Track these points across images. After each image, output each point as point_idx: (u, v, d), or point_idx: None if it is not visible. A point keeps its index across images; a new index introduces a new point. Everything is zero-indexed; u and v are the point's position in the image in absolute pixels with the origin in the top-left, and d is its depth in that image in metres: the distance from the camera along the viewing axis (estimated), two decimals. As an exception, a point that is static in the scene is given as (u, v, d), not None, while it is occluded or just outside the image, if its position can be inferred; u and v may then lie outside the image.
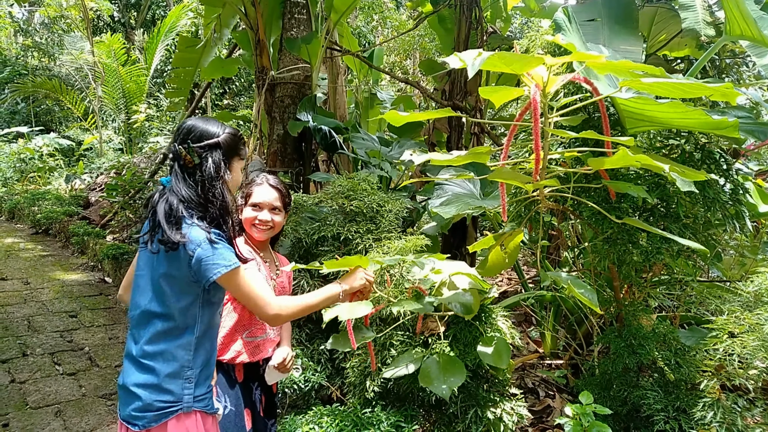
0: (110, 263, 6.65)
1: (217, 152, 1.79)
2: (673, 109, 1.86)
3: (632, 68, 1.60)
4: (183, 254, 1.69)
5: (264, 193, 2.32)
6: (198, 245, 1.68)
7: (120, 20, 16.70)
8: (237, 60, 6.48)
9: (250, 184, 2.36)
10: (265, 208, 2.31)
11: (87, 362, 4.51)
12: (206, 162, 1.76)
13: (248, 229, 2.32)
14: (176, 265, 1.71)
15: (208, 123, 1.84)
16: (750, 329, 1.80)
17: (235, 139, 1.86)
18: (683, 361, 2.41)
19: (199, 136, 1.78)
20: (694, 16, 3.43)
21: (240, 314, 2.26)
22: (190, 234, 1.69)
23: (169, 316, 1.75)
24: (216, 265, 1.69)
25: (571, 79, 1.63)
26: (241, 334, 2.25)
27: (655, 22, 4.29)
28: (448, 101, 5.21)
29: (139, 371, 1.74)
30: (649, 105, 1.90)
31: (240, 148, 1.89)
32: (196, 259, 1.68)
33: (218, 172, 1.77)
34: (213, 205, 1.75)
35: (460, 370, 2.19)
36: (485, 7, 5.30)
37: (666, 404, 2.34)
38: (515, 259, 2.16)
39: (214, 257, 1.69)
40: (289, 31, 4.88)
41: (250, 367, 2.30)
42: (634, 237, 2.24)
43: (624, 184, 1.91)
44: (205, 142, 1.77)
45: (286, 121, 4.84)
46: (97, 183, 10.33)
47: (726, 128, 1.96)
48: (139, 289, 1.80)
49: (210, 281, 1.70)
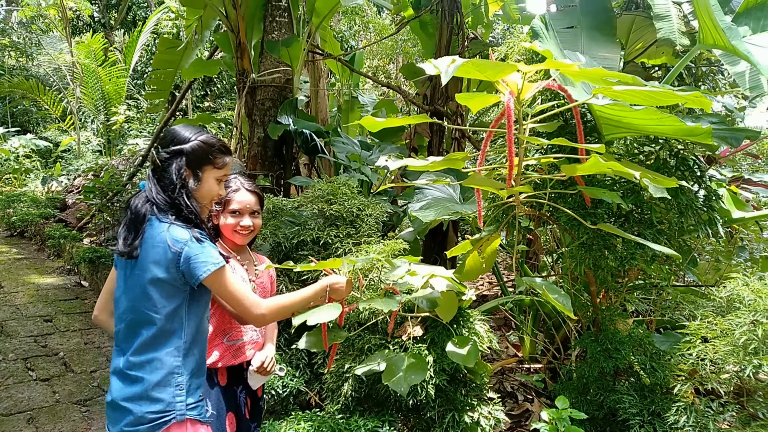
0: (87, 267, 6.55)
1: (181, 159, 1.76)
2: (648, 115, 1.88)
3: (606, 76, 1.62)
4: (169, 254, 1.66)
5: (243, 198, 2.29)
6: (185, 243, 1.66)
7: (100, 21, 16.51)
8: (218, 61, 6.44)
9: (226, 191, 2.33)
10: (246, 213, 2.29)
11: (61, 368, 4.43)
12: (169, 168, 1.74)
13: (229, 235, 2.30)
14: (163, 267, 1.67)
15: (186, 129, 1.81)
16: (722, 334, 1.82)
17: (207, 147, 1.81)
18: (658, 365, 2.44)
19: (169, 141, 1.77)
20: (669, 26, 3.48)
21: (219, 318, 2.24)
22: (172, 233, 1.66)
23: (155, 322, 1.69)
24: (205, 263, 1.67)
25: (546, 86, 1.64)
26: (222, 338, 2.23)
27: (633, 30, 4.35)
28: (430, 106, 5.23)
29: (126, 384, 1.68)
30: (624, 112, 1.92)
31: (214, 157, 1.84)
32: (185, 258, 1.65)
33: (180, 179, 1.74)
34: (181, 211, 1.73)
35: (423, 368, 2.20)
36: (466, 13, 5.33)
37: (641, 408, 2.37)
38: (492, 264, 2.17)
39: (203, 255, 1.67)
40: (270, 33, 4.86)
41: (232, 371, 2.28)
42: (609, 242, 2.27)
43: (599, 190, 1.93)
44: (171, 148, 1.76)
45: (266, 124, 4.82)
46: (74, 185, 10.17)
47: (700, 135, 1.99)
48: (123, 302, 1.75)
49: (200, 280, 1.67)
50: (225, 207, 2.27)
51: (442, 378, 2.40)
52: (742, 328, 1.73)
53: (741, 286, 1.98)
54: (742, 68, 3.08)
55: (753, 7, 2.73)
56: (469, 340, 2.24)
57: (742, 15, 2.73)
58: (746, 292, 1.94)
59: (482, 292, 4.93)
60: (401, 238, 3.25)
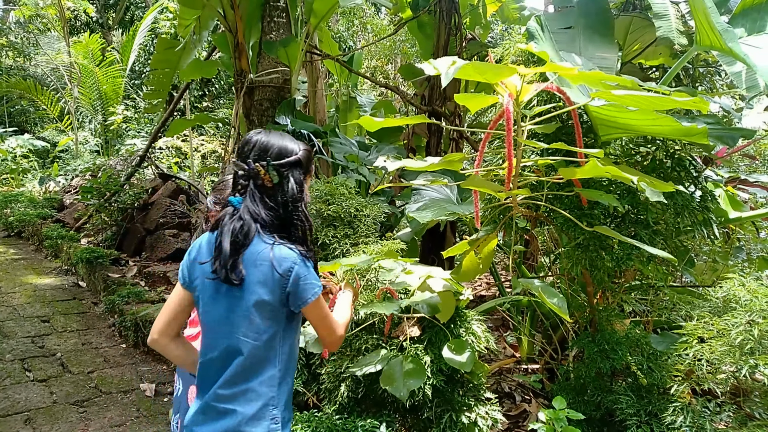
0: (84, 267, 6.54)
1: (298, 170, 1.64)
2: (644, 116, 1.89)
3: (604, 79, 1.62)
4: (276, 275, 1.55)
5: None
6: (294, 263, 1.56)
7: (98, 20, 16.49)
8: (216, 62, 6.44)
9: (223, 190, 2.27)
10: None
11: (59, 368, 4.43)
12: (287, 181, 1.60)
13: None
14: (269, 288, 1.57)
15: (283, 138, 1.66)
16: (718, 334, 1.83)
17: (311, 155, 1.72)
18: (655, 365, 2.44)
19: (278, 154, 1.61)
20: (668, 25, 3.49)
21: None
22: (278, 252, 1.56)
23: (254, 349, 1.58)
24: (312, 285, 1.59)
25: (545, 88, 1.64)
26: None
27: (631, 30, 4.36)
28: (428, 106, 5.24)
29: (215, 419, 1.56)
30: (620, 113, 1.93)
31: (312, 165, 1.76)
32: (294, 278, 1.56)
33: (301, 192, 1.63)
34: (296, 228, 1.62)
35: (421, 373, 2.21)
36: (464, 13, 5.34)
37: (638, 409, 2.37)
38: (489, 265, 2.17)
39: (310, 276, 1.59)
40: (268, 34, 4.86)
41: None
42: (606, 243, 2.27)
43: (595, 192, 1.93)
44: (286, 160, 1.60)
45: (264, 125, 4.82)
46: (72, 185, 10.16)
47: (695, 135, 2.00)
48: (218, 328, 1.61)
49: (307, 303, 1.58)
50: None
51: (440, 379, 2.41)
52: (738, 328, 1.74)
53: (737, 286, 1.99)
54: (738, 68, 3.10)
55: (749, 8, 2.74)
56: (466, 345, 2.24)
57: (738, 16, 2.74)
58: (742, 292, 1.95)
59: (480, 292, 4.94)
60: (399, 238, 3.26)
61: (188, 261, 1.70)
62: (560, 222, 2.32)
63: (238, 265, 1.55)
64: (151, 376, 4.46)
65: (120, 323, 5.17)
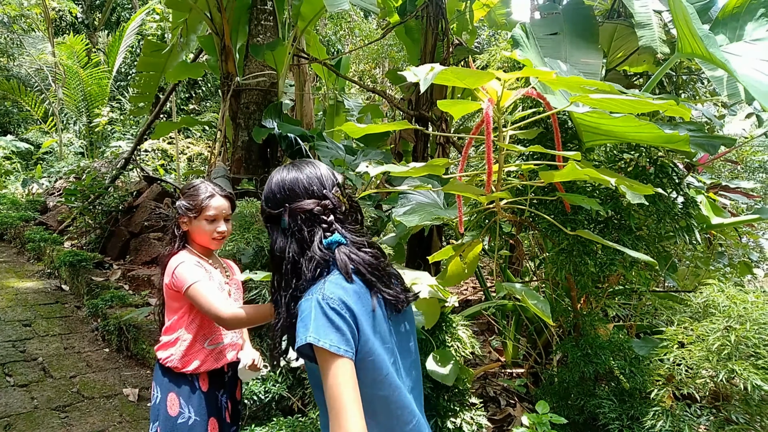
0: (67, 270, 6.47)
1: None
2: (626, 123, 1.91)
3: (583, 84, 1.64)
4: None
5: (219, 203, 2.27)
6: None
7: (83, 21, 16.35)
8: (202, 64, 6.42)
9: (195, 196, 2.26)
10: (221, 219, 2.28)
11: (40, 373, 4.37)
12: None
13: (205, 242, 2.28)
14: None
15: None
16: (698, 340, 1.85)
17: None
18: (637, 370, 2.46)
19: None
20: (651, 33, 3.53)
21: (199, 324, 2.24)
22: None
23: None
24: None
25: (525, 93, 1.66)
26: (203, 343, 2.23)
27: (615, 38, 4.40)
28: (414, 111, 5.25)
29: None
30: (603, 119, 1.94)
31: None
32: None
33: None
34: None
35: None
36: (451, 19, 5.37)
37: (620, 413, 2.39)
38: (474, 269, 2.18)
39: None
40: (255, 37, 4.85)
41: (213, 375, 2.28)
42: (589, 248, 2.29)
43: (578, 196, 1.95)
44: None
45: (251, 128, 4.81)
46: (55, 187, 10.05)
47: (677, 142, 2.02)
48: (407, 361, 1.47)
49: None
50: (200, 213, 2.24)
51: (426, 384, 2.41)
52: (716, 334, 1.76)
53: (716, 292, 2.02)
54: (720, 74, 3.14)
55: (729, 16, 2.78)
56: (451, 356, 2.24)
57: (719, 24, 2.78)
58: (721, 298, 1.97)
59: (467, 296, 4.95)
60: (384, 243, 3.26)
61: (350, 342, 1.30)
62: (544, 227, 2.33)
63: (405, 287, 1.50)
64: (134, 381, 4.42)
65: (103, 327, 5.12)
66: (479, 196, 1.70)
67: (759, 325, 1.76)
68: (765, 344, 1.71)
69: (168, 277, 2.18)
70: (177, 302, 2.22)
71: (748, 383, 1.61)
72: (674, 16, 2.49)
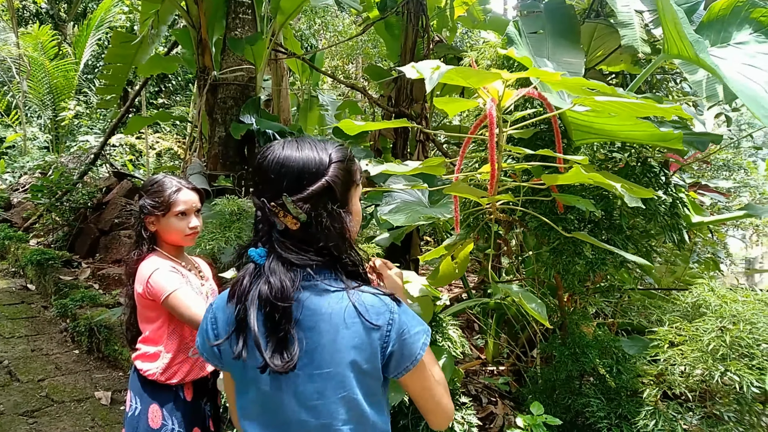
0: (34, 269, 6.26)
1: (331, 199, 1.22)
2: (623, 122, 1.90)
3: (585, 85, 1.63)
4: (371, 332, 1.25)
5: (187, 197, 2.14)
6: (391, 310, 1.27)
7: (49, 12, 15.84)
8: (177, 58, 6.26)
9: (161, 192, 2.11)
10: (191, 213, 2.15)
11: (6, 377, 4.21)
12: (319, 221, 1.20)
13: (177, 240, 2.15)
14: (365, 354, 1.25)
15: (302, 149, 1.22)
16: (690, 340, 1.86)
17: (347, 163, 1.27)
18: (624, 368, 2.48)
19: (297, 179, 1.20)
20: (633, 33, 3.56)
21: (180, 334, 2.14)
22: (364, 301, 1.25)
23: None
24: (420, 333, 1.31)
25: (527, 93, 1.64)
26: (186, 353, 2.14)
27: (595, 37, 4.43)
28: (394, 108, 5.22)
29: None
30: (599, 118, 1.94)
31: (355, 171, 1.31)
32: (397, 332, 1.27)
33: (341, 227, 1.23)
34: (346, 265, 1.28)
35: (400, 389, 2.16)
36: (432, 16, 5.34)
37: (609, 411, 2.40)
38: (465, 269, 2.16)
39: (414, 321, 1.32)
40: (233, 30, 4.75)
41: (198, 384, 2.19)
42: (579, 248, 2.29)
43: (572, 197, 1.94)
44: (310, 191, 1.18)
45: (228, 123, 4.71)
46: (20, 183, 9.72)
47: (671, 140, 2.03)
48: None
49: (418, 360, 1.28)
50: (168, 210, 2.10)
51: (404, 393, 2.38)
52: (711, 335, 1.77)
53: (707, 291, 2.03)
54: (700, 77, 3.18)
55: (714, 20, 2.81)
56: (443, 352, 2.22)
57: (705, 27, 2.81)
58: (712, 297, 1.99)
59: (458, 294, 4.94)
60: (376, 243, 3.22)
61: (205, 345, 1.31)
62: (534, 226, 2.33)
63: (286, 345, 1.16)
64: (106, 384, 4.30)
65: (73, 328, 4.96)
66: (480, 198, 1.68)
67: (751, 324, 1.77)
68: (758, 344, 1.72)
69: (141, 286, 2.04)
70: (153, 312, 2.09)
71: (744, 383, 1.63)
72: (662, 18, 2.50)
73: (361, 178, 1.33)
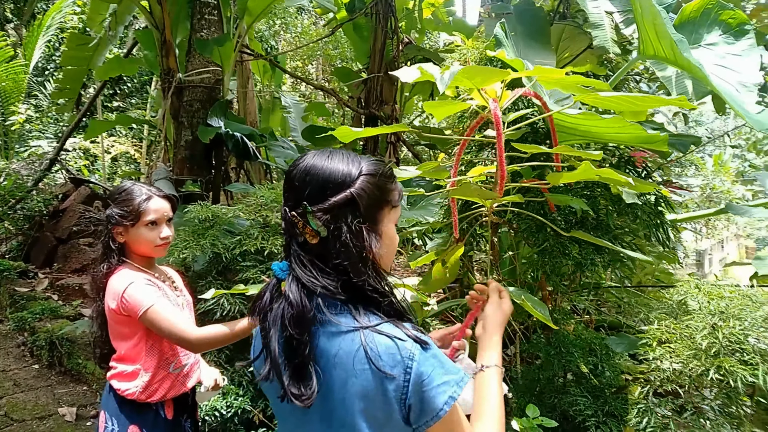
0: (-14, 282, 5.96)
1: (353, 213, 1.11)
2: (612, 124, 1.91)
3: (580, 83, 1.62)
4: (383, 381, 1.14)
5: (158, 206, 2.02)
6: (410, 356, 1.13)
7: (-7, 12, 15.16)
8: (138, 59, 6.06)
9: (129, 201, 1.99)
10: (163, 222, 2.03)
11: (-38, 397, 3.99)
12: (338, 234, 1.10)
13: (148, 251, 2.03)
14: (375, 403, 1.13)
15: (332, 159, 1.14)
16: (681, 337, 1.88)
17: (378, 179, 1.16)
18: (608, 366, 2.51)
19: (321, 188, 1.11)
20: (604, 34, 3.62)
21: (159, 349, 2.04)
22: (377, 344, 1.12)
23: None
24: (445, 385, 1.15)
25: (523, 93, 1.62)
26: (167, 369, 2.04)
27: (563, 38, 4.50)
28: (364, 110, 5.18)
29: None
30: (588, 120, 1.94)
31: (390, 190, 1.20)
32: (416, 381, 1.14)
33: (361, 246, 1.11)
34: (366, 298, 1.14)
35: None
36: (400, 17, 5.33)
37: (596, 409, 2.42)
38: (456, 274, 2.13)
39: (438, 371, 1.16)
40: (198, 32, 4.62)
41: (178, 401, 2.09)
42: (568, 249, 2.30)
43: (565, 197, 1.94)
44: (332, 201, 1.10)
45: (194, 127, 4.57)
46: (-33, 191, 9.25)
47: (656, 142, 2.05)
48: None
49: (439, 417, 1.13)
50: (138, 220, 1.98)
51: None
52: (703, 332, 1.80)
53: (693, 288, 2.07)
54: (669, 73, 3.26)
55: (686, 21, 2.87)
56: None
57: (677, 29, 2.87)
58: (699, 295, 2.02)
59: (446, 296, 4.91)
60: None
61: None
62: (523, 228, 2.32)
63: (303, 375, 1.07)
64: (70, 399, 4.11)
65: (32, 342, 4.74)
66: (486, 200, 1.66)
67: (739, 320, 1.81)
68: (747, 338, 1.76)
69: (114, 302, 1.91)
70: (128, 328, 1.97)
71: (737, 379, 1.65)
72: (639, 19, 2.54)
73: (399, 200, 1.21)
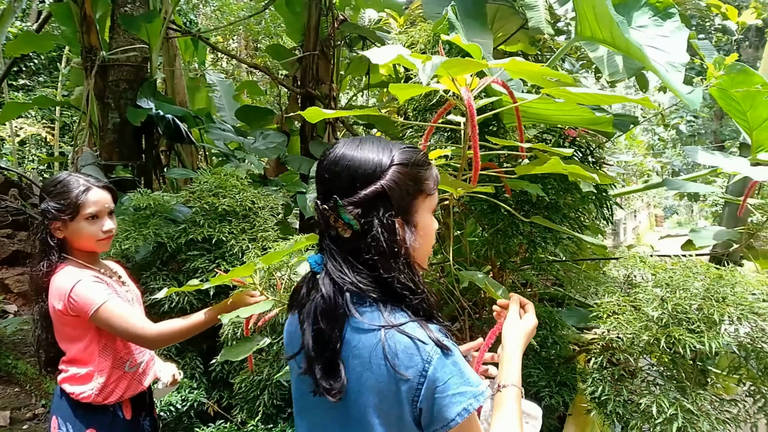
0: None
1: (385, 206, 1.06)
2: (563, 107, 1.98)
3: (546, 74, 1.67)
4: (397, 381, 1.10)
5: (98, 197, 1.89)
6: (427, 359, 1.09)
7: None
8: (54, 35, 5.61)
9: (66, 193, 1.86)
10: (104, 215, 1.92)
11: None
12: (370, 228, 1.05)
13: (90, 246, 1.92)
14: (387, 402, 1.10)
15: (363, 149, 1.10)
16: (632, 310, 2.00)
17: (411, 169, 1.11)
18: (558, 338, 2.64)
19: (351, 180, 1.07)
20: (538, 15, 3.71)
21: (113, 348, 1.94)
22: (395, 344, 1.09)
23: None
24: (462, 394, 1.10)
25: (492, 82, 1.65)
26: (123, 369, 1.95)
27: (497, 18, 4.57)
28: (301, 89, 5.08)
29: None
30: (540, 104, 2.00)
31: (426, 179, 1.15)
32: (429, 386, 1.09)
33: (394, 240, 1.07)
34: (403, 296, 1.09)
35: None
36: (335, -7, 5.22)
37: (549, 380, 2.55)
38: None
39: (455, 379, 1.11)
40: (122, 6, 4.33)
41: (135, 400, 2.01)
42: (520, 228, 2.38)
43: (522, 182, 2.00)
44: (362, 194, 1.05)
45: (122, 108, 4.32)
46: None
47: (602, 123, 2.16)
48: None
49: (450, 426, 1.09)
50: (77, 213, 1.86)
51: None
52: (654, 304, 1.92)
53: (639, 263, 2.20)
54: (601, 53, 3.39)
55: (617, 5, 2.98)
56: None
57: (614, 11, 2.98)
58: (645, 268, 2.15)
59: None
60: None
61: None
62: (478, 210, 2.38)
63: (332, 369, 1.05)
64: (1, 402, 3.87)
65: (-49, 344, 4.39)
66: (458, 189, 1.68)
67: (685, 290, 1.94)
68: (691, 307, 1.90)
69: (61, 302, 1.81)
70: (77, 329, 1.87)
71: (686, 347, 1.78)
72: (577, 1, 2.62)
73: (435, 187, 1.17)
